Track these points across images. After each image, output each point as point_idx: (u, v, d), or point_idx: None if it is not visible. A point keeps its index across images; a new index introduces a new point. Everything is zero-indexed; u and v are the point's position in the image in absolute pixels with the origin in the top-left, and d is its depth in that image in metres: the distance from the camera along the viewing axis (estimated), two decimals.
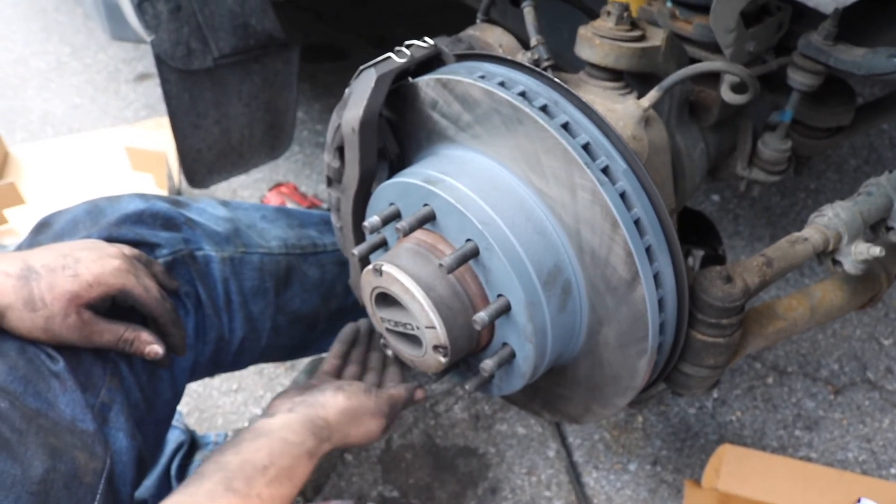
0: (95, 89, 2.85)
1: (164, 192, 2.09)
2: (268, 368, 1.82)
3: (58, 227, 1.08)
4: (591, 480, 1.59)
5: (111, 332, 1.00)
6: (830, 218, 1.06)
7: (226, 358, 1.23)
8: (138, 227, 1.11)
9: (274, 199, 2.17)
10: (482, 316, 0.90)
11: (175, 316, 1.08)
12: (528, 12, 1.12)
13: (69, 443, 0.91)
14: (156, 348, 1.03)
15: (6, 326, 0.93)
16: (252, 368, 1.82)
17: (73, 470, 0.89)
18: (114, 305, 1.03)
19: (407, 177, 0.99)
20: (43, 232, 1.08)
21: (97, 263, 0.97)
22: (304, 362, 1.80)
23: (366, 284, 0.99)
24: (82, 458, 0.91)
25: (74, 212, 1.10)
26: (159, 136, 2.30)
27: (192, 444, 1.49)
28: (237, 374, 1.81)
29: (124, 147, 2.16)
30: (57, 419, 0.92)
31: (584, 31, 1.06)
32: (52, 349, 0.96)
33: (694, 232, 1.36)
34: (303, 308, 1.30)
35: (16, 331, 0.93)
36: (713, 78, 1.15)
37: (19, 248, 1.08)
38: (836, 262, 1.08)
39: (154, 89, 2.82)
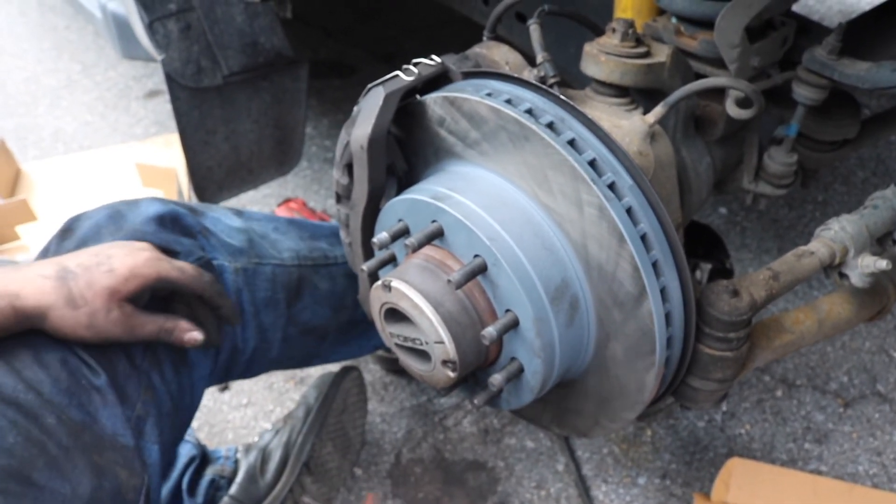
0: (106, 106, 2.88)
1: None
2: (277, 383, 1.83)
3: (81, 234, 1.08)
4: (600, 494, 1.59)
5: (152, 322, 1.00)
6: (836, 231, 1.06)
7: (237, 367, 1.24)
8: (161, 232, 1.12)
9: (283, 215, 2.18)
10: (490, 331, 0.91)
11: (219, 287, 1.08)
12: (535, 29, 1.13)
13: (111, 459, 0.91)
14: (195, 335, 1.04)
15: (49, 328, 0.93)
16: (261, 383, 1.83)
17: (116, 487, 0.90)
18: (152, 298, 1.03)
19: (415, 193, 1.00)
20: (67, 237, 1.09)
21: (130, 257, 0.98)
22: (313, 377, 1.81)
23: (375, 300, 1.00)
24: (124, 474, 0.92)
25: (96, 217, 1.10)
26: (169, 152, 2.32)
27: (203, 459, 1.50)
28: (247, 388, 1.82)
29: (135, 163, 2.17)
30: (100, 433, 0.92)
31: (589, 48, 1.07)
32: (94, 363, 0.96)
33: (701, 245, 1.36)
34: (313, 320, 1.31)
35: (59, 331, 0.93)
36: (718, 93, 1.16)
37: (45, 251, 1.08)
38: (842, 276, 1.09)
39: (164, 106, 2.84)
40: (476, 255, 0.93)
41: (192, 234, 1.16)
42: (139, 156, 2.30)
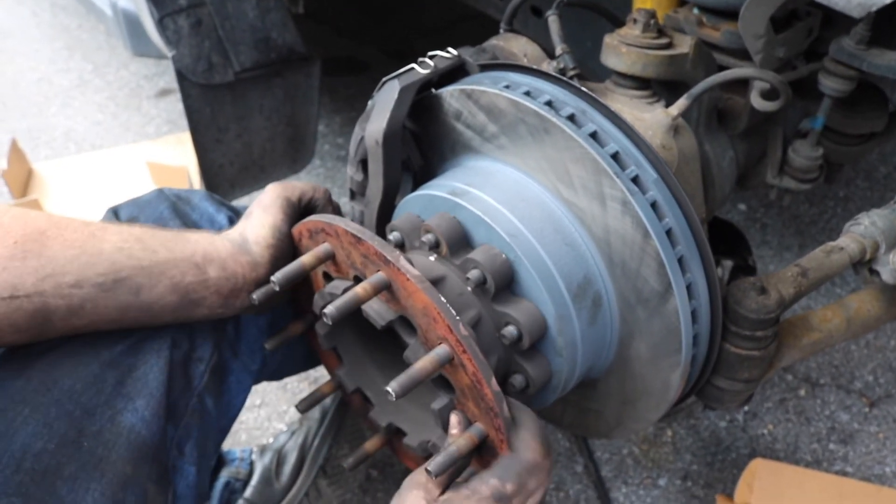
0: (117, 106, 2.86)
1: None
2: (291, 384, 1.81)
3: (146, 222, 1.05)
4: (620, 496, 1.56)
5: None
6: (867, 226, 1.03)
7: (271, 366, 1.21)
8: None
9: None
10: (511, 330, 0.88)
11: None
12: (553, 21, 1.11)
13: (145, 473, 0.89)
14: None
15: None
16: (275, 384, 1.81)
17: (142, 502, 0.88)
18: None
19: (432, 189, 0.97)
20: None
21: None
22: (328, 377, 1.78)
23: None
24: (152, 490, 0.90)
25: (158, 209, 1.07)
26: (181, 151, 2.30)
27: (218, 460, 1.48)
28: (260, 389, 1.80)
29: (146, 162, 2.16)
30: (144, 442, 0.90)
31: (610, 40, 1.05)
32: (158, 371, 0.94)
33: (723, 242, 1.33)
34: None
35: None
36: (742, 85, 1.13)
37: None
38: (873, 272, 1.05)
39: (176, 105, 2.82)
40: None
41: None
42: (151, 155, 2.28)
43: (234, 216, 1.11)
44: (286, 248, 0.99)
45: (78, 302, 0.86)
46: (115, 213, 1.06)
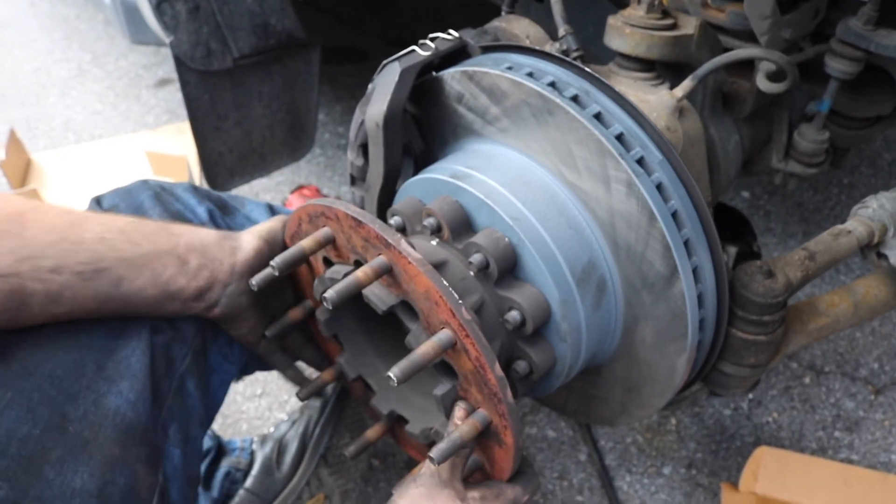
0: (116, 95, 2.85)
1: None
2: None
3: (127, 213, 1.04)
4: (624, 485, 1.55)
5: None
6: (875, 209, 1.02)
7: (255, 363, 1.20)
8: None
9: (296, 202, 2.15)
10: (514, 315, 0.87)
11: None
12: (556, 1, 1.09)
13: (133, 454, 0.89)
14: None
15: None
16: (276, 373, 1.79)
17: (131, 483, 0.87)
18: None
19: (433, 173, 0.96)
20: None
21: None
22: None
23: None
24: (142, 471, 0.89)
25: (139, 198, 1.06)
26: (180, 140, 2.29)
27: (219, 450, 1.47)
28: (261, 378, 1.79)
29: (145, 152, 2.15)
30: (130, 424, 0.89)
31: (613, 21, 1.03)
32: (141, 354, 0.93)
33: (727, 228, 1.32)
34: None
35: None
36: (747, 68, 1.11)
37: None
38: (880, 256, 1.04)
39: (175, 94, 2.81)
40: None
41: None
42: (150, 145, 2.27)
43: (216, 209, 1.10)
44: (273, 253, 0.97)
45: (57, 288, 0.85)
46: (97, 202, 1.05)
